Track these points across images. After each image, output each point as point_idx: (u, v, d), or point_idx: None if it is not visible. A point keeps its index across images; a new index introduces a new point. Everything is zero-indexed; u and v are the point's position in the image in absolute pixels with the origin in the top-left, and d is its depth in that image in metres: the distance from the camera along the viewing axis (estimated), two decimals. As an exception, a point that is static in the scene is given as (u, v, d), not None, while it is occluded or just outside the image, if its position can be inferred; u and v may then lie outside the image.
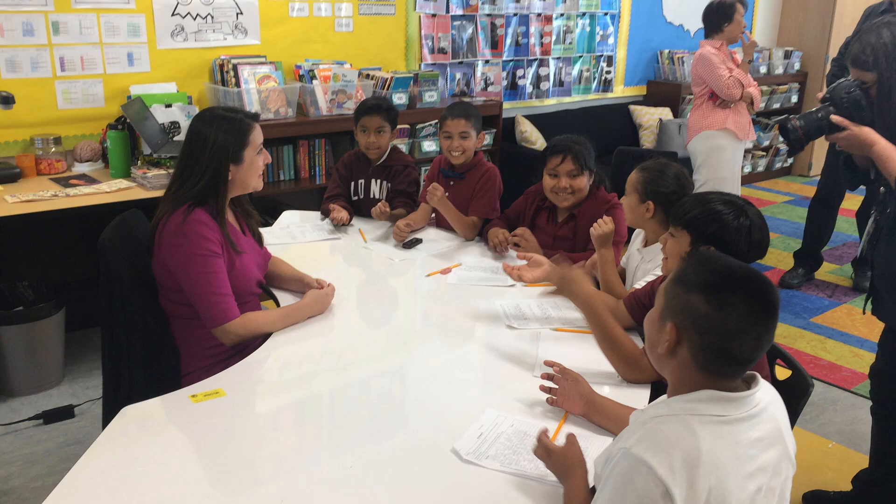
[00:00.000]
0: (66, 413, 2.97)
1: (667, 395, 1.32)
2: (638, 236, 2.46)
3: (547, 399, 1.70)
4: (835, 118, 1.97)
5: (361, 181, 3.14)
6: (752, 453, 1.22)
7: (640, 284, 2.25)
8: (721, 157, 4.21)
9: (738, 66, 4.18)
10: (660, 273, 2.16)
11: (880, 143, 1.92)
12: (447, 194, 2.85)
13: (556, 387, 1.71)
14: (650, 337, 1.34)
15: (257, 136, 2.12)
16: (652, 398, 1.78)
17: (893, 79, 1.93)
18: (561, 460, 1.43)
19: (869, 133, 1.94)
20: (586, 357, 1.92)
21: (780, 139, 2.08)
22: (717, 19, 4.21)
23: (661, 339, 1.28)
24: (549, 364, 1.75)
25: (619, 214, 2.45)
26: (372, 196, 3.12)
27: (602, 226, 2.30)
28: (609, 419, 1.64)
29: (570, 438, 1.46)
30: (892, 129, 1.93)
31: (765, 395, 1.28)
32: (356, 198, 3.14)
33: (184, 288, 2.01)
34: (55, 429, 2.90)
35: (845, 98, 1.97)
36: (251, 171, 2.13)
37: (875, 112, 1.95)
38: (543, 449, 1.45)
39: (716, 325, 1.21)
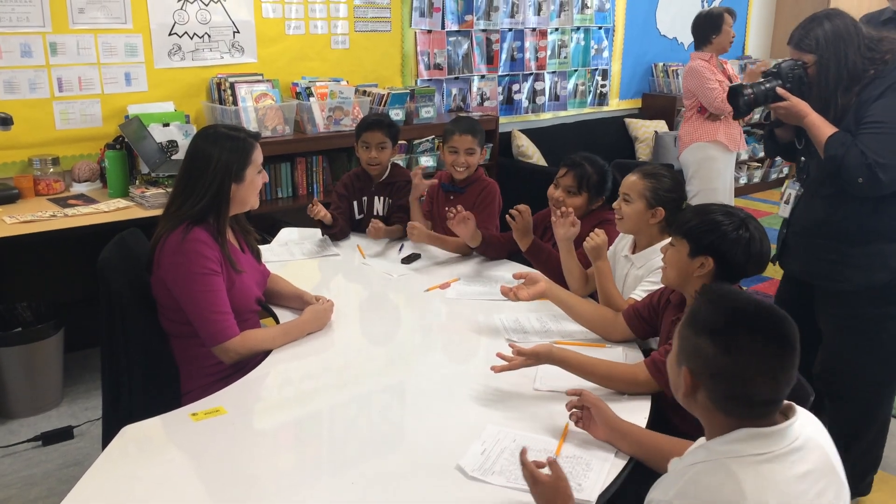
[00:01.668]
0: (65, 434, 2.95)
1: (705, 437, 1.27)
2: (621, 241, 2.46)
3: (575, 422, 1.65)
4: (780, 90, 2.24)
5: (364, 199, 3.14)
6: (802, 488, 1.15)
7: (636, 293, 2.25)
8: (712, 168, 4.26)
9: (728, 79, 4.20)
10: (655, 280, 2.16)
11: (812, 115, 2.22)
12: (447, 208, 2.86)
13: (580, 410, 1.65)
14: (671, 380, 1.30)
15: (259, 155, 2.13)
16: (652, 410, 1.77)
17: (831, 61, 2.19)
18: (548, 494, 1.35)
19: (805, 106, 2.23)
20: (587, 370, 1.91)
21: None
22: (706, 31, 4.25)
23: (679, 383, 1.24)
24: (571, 393, 1.67)
25: (611, 232, 2.45)
26: (375, 213, 3.11)
27: (594, 238, 2.30)
28: (637, 446, 1.58)
29: (557, 471, 1.37)
30: (824, 103, 2.23)
31: (805, 425, 1.22)
32: (360, 216, 3.14)
33: (183, 306, 2.01)
34: (54, 450, 2.89)
35: (790, 75, 2.25)
36: (251, 190, 2.13)
37: (811, 88, 2.24)
38: (529, 475, 1.38)
39: (726, 370, 1.16)
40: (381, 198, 3.13)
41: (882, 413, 2.51)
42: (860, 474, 2.56)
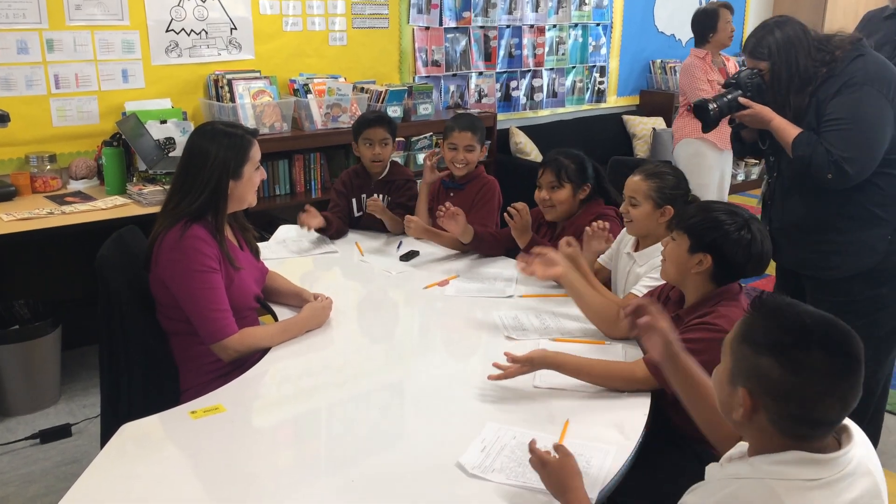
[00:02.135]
0: (63, 432, 2.95)
1: (748, 453, 1.22)
2: (624, 237, 2.46)
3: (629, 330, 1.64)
4: (742, 100, 2.34)
5: (364, 196, 3.13)
6: None
7: (636, 289, 2.25)
8: (702, 164, 4.28)
9: (723, 78, 4.21)
10: (656, 276, 2.16)
11: (776, 119, 2.31)
12: (447, 203, 2.85)
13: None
14: (722, 400, 1.23)
15: (256, 152, 2.12)
16: (652, 408, 1.77)
17: (783, 67, 2.30)
18: (557, 473, 1.37)
19: (768, 111, 2.32)
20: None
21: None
22: (702, 29, 4.26)
23: (733, 403, 1.17)
24: (636, 307, 1.60)
25: (612, 227, 2.44)
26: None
27: (564, 248, 2.31)
28: (683, 382, 1.51)
29: (564, 450, 1.40)
30: (779, 105, 2.32)
31: (858, 447, 1.16)
32: (359, 214, 3.13)
33: (181, 304, 2.00)
34: (52, 448, 2.88)
35: (749, 83, 2.35)
36: (248, 187, 2.12)
37: (769, 93, 2.34)
38: (538, 460, 1.40)
39: (794, 391, 1.10)
40: (381, 196, 3.12)
41: (877, 394, 2.54)
42: None
